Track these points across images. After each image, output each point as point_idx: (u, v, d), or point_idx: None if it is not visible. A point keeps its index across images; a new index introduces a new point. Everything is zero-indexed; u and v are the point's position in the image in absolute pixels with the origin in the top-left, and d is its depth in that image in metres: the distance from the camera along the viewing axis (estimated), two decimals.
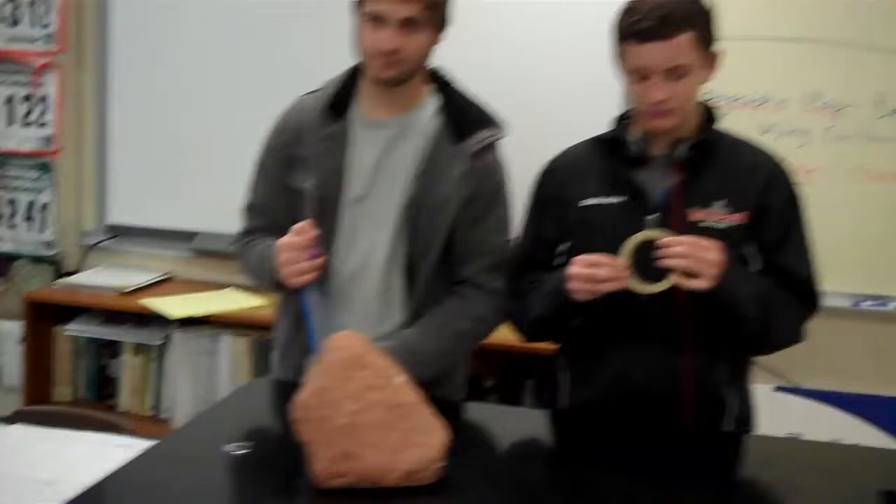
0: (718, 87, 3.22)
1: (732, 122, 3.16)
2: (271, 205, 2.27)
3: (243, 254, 2.31)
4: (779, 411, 3.35)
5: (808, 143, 3.25)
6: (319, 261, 2.11)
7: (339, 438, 1.59)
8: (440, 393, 2.20)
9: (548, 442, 2.05)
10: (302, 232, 2.08)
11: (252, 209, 2.32)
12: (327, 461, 1.58)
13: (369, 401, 1.62)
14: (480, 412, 2.24)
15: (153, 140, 3.77)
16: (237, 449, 1.75)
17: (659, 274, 1.91)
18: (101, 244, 3.91)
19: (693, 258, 1.88)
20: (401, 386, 1.65)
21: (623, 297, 1.94)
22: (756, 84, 3.26)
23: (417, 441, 1.62)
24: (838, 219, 3.26)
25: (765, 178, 2.05)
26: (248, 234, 2.31)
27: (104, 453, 1.82)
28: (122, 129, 3.81)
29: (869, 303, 3.31)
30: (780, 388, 3.37)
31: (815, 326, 3.23)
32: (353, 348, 1.65)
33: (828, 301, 3.20)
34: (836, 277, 3.25)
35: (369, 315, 2.19)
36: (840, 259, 3.26)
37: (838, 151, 3.25)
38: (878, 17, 3.17)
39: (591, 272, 1.92)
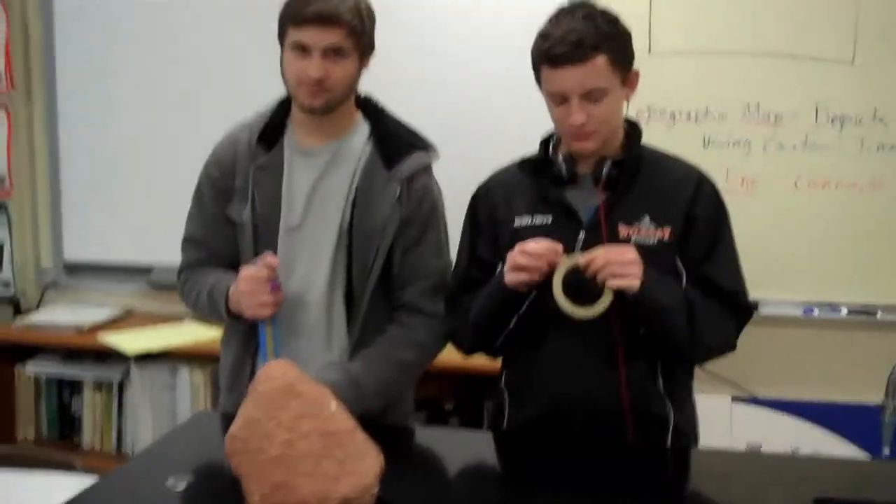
0: (657, 102, 3.30)
1: (674, 136, 3.28)
2: (210, 237, 2.29)
3: (188, 286, 2.32)
4: (737, 422, 3.40)
5: (749, 154, 3.31)
6: (280, 295, 2.13)
7: (273, 469, 1.60)
8: (389, 420, 2.23)
9: (490, 463, 2.07)
10: (266, 264, 2.10)
11: (191, 242, 2.33)
12: (262, 493, 1.60)
13: (302, 430, 1.63)
14: (425, 436, 2.27)
15: (105, 175, 3.80)
16: (178, 483, 1.77)
17: (594, 296, 1.95)
18: (58, 281, 3.92)
19: (614, 263, 1.91)
20: (334, 414, 1.67)
21: (557, 312, 1.97)
22: (696, 97, 3.32)
23: (352, 468, 1.63)
24: (784, 227, 3.33)
25: (690, 192, 2.08)
26: (190, 266, 2.32)
27: (52, 494, 1.83)
28: (74, 165, 3.84)
29: (819, 310, 3.35)
30: (736, 400, 3.41)
31: (767, 336, 3.32)
32: (285, 378, 1.66)
33: (778, 310, 3.31)
34: (784, 286, 3.34)
35: (314, 342, 2.21)
36: (788, 268, 3.33)
37: (780, 161, 3.30)
38: (811, 27, 3.23)
39: (526, 249, 1.96)
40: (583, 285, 1.95)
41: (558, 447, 2.02)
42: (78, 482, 1.87)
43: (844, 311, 3.34)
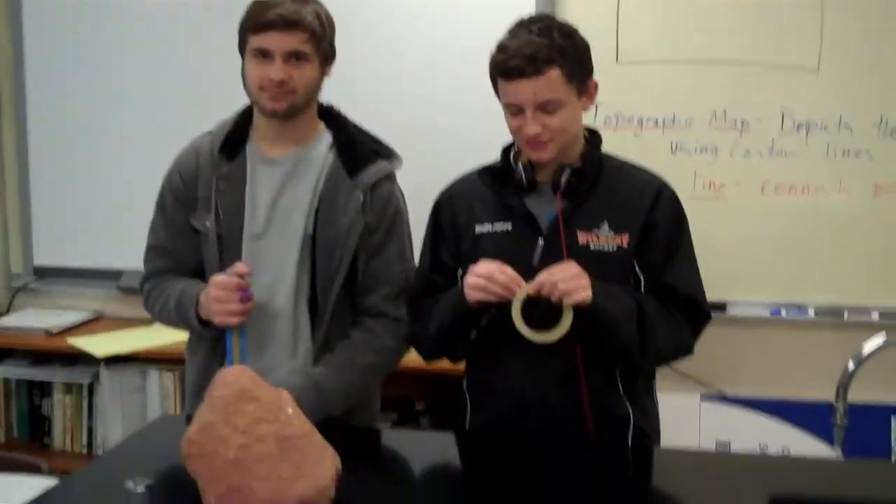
0: (625, 109, 3.33)
1: (641, 143, 3.31)
2: (174, 245, 2.29)
3: (154, 294, 2.32)
4: (705, 421, 3.44)
5: (716, 160, 3.34)
6: (251, 304, 2.13)
7: (228, 473, 1.62)
8: (355, 421, 2.25)
9: (449, 463, 2.07)
10: (236, 272, 2.11)
11: (155, 251, 2.33)
12: (218, 496, 1.62)
13: (258, 434, 1.65)
14: (388, 438, 2.29)
15: (75, 181, 3.80)
16: (138, 485, 1.79)
17: (555, 317, 1.97)
18: (28, 286, 3.92)
19: (562, 281, 1.93)
20: (290, 417, 1.68)
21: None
22: (663, 105, 3.34)
23: (308, 471, 1.65)
24: (751, 231, 3.36)
25: (649, 199, 2.10)
26: (154, 275, 2.32)
27: (15, 495, 1.83)
28: (43, 170, 3.83)
29: (786, 311, 3.39)
30: (705, 398, 3.44)
31: (735, 336, 3.36)
32: (240, 382, 1.68)
33: (746, 311, 3.36)
34: (752, 288, 3.38)
35: (280, 349, 2.22)
36: (756, 270, 3.37)
37: (746, 167, 3.33)
38: (777, 36, 3.26)
39: (491, 272, 1.97)
40: (542, 308, 1.97)
41: (518, 448, 2.05)
42: (43, 484, 1.88)
43: (811, 311, 3.38)
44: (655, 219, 2.10)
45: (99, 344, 3.47)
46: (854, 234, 3.32)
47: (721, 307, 3.34)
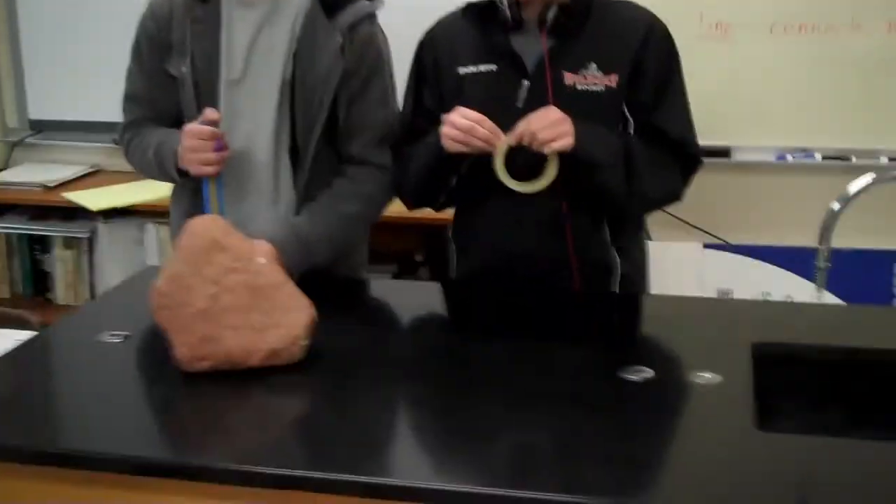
0: None
1: None
2: (152, 93, 2.23)
3: (133, 144, 2.26)
4: (708, 269, 3.39)
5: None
6: (226, 153, 2.08)
7: (199, 323, 1.60)
8: (340, 271, 2.22)
9: (433, 311, 2.07)
10: (207, 119, 2.05)
11: (133, 99, 2.26)
12: (188, 346, 1.60)
13: (228, 283, 1.62)
14: (373, 287, 2.25)
15: (67, 30, 3.70)
16: (113, 337, 1.77)
17: (539, 166, 1.92)
18: (24, 140, 3.88)
19: (543, 129, 1.87)
20: (261, 267, 1.66)
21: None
22: None
23: (280, 321, 1.63)
24: (759, 73, 3.25)
25: (639, 37, 2.01)
26: (133, 125, 2.27)
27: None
28: (34, 23, 3.74)
29: (793, 156, 3.31)
30: (708, 246, 3.39)
31: (740, 182, 3.29)
32: (211, 232, 1.65)
33: (751, 156, 3.28)
34: (759, 133, 3.30)
35: (261, 198, 2.17)
36: (762, 114, 3.28)
37: (755, 5, 3.20)
38: None
39: (471, 126, 1.91)
40: (525, 157, 1.91)
41: (502, 295, 2.03)
42: (25, 336, 1.88)
43: (818, 156, 3.30)
44: (645, 57, 2.01)
45: (94, 198, 3.45)
46: (866, 74, 3.20)
47: (725, 153, 3.26)
